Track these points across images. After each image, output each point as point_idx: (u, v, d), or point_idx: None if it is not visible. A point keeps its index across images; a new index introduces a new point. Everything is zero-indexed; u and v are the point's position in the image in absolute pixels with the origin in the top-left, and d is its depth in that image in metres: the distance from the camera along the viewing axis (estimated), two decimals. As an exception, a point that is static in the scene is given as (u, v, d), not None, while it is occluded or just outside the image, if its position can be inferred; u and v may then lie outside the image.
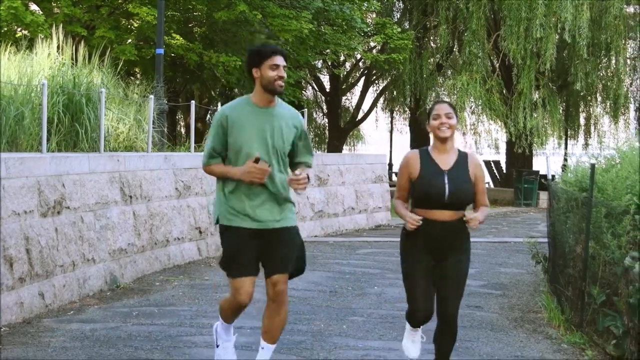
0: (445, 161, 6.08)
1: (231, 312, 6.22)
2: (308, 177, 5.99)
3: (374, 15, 32.46)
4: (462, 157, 6.14)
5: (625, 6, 31.04)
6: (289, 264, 6.05)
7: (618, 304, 7.34)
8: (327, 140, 37.84)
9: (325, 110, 38.22)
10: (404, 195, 6.17)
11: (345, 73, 35.37)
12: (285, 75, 6.00)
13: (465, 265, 6.14)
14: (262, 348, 6.15)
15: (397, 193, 6.21)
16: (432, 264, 6.07)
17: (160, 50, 17.01)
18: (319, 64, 32.67)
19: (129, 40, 22.50)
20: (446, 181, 5.99)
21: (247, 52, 6.13)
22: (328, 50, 26.55)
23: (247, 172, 5.84)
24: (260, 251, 6.02)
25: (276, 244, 6.01)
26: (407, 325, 6.49)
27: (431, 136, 6.19)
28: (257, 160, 5.81)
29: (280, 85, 5.96)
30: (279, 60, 5.98)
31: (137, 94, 15.44)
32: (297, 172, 5.92)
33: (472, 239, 6.17)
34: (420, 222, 5.90)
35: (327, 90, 36.44)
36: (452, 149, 6.12)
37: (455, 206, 6.00)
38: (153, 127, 14.58)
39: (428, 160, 6.09)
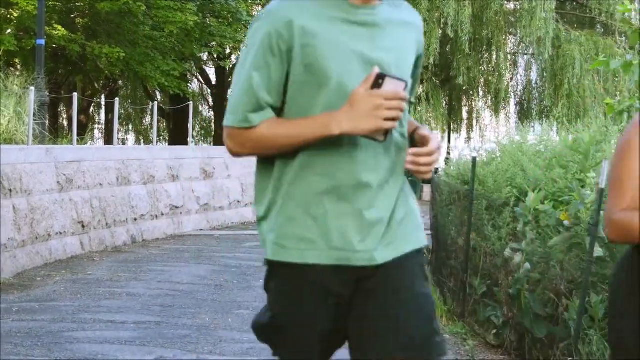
0: None
1: None
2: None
3: (260, 8, 32.43)
4: None
5: (505, 2, 31.73)
6: (415, 337, 2.83)
7: (498, 295, 7.49)
8: (213, 133, 37.67)
9: (211, 103, 38.04)
10: (636, 194, 3.00)
11: (231, 65, 35.26)
12: None
13: None
14: None
15: (620, 195, 3.02)
16: None
17: (41, 41, 16.68)
18: (205, 56, 32.50)
19: (8, 31, 22.00)
20: None
21: None
22: (214, 43, 26.43)
23: (371, 109, 2.66)
24: (349, 313, 2.82)
25: (386, 296, 2.80)
26: None
27: None
28: (378, 81, 2.67)
29: None
30: None
31: (17, 85, 15.09)
32: (421, 132, 2.91)
33: None
34: None
35: (213, 82, 36.27)
36: None
37: None
38: (34, 120, 14.28)
39: None
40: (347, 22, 2.80)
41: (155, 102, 23.85)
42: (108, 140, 29.65)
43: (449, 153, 30.73)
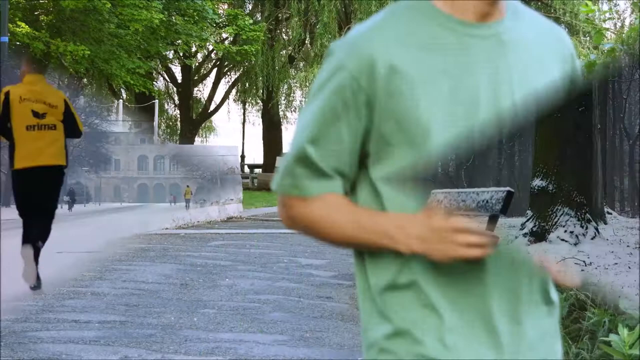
0: None
1: None
2: None
3: (226, 7, 32.40)
4: None
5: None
6: None
7: (463, 293, 7.53)
8: (178, 131, 37.57)
9: (176, 102, 37.93)
10: None
11: (197, 64, 35.18)
12: None
13: None
14: None
15: None
16: None
17: (5, 39, 16.57)
18: (171, 54, 32.41)
19: (-28, 28, 21.80)
20: None
21: None
22: (179, 41, 26.36)
23: (437, 235, 1.81)
24: None
25: None
26: None
27: None
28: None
29: None
30: None
31: (-20, 83, 14.96)
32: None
33: None
34: None
35: (179, 81, 36.16)
36: None
37: None
38: (-3, 118, 14.17)
39: None
40: (456, 47, 1.92)
41: (121, 100, 23.72)
42: (73, 138, 29.46)
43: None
